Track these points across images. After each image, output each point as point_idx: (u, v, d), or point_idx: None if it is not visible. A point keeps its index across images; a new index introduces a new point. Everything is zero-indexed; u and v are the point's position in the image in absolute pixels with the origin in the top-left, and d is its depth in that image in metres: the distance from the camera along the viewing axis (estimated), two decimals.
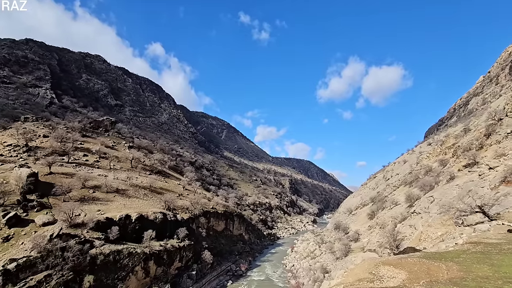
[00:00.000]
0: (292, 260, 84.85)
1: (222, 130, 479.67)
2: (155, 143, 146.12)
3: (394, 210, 68.68)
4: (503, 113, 62.35)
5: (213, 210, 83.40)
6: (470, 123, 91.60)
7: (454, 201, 40.25)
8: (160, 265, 49.52)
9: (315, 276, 58.29)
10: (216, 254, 71.85)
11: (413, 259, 18.63)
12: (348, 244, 66.47)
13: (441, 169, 69.21)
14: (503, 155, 47.75)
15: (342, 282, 17.57)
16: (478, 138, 64.00)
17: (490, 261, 15.64)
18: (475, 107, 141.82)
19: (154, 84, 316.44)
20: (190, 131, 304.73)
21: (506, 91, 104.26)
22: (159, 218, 55.16)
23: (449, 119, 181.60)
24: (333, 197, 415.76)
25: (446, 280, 12.80)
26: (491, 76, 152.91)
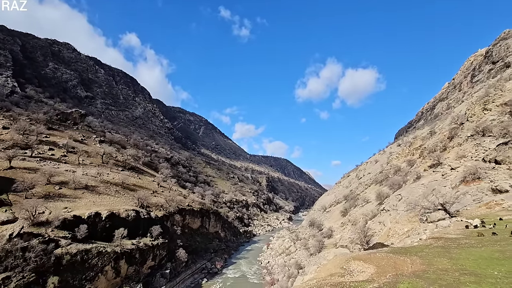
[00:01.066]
0: (267, 257, 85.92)
1: (200, 126, 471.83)
2: (128, 138, 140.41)
3: (365, 207, 71.73)
4: (465, 118, 67.24)
5: (188, 208, 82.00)
6: (435, 126, 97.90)
7: (419, 199, 42.81)
8: (132, 264, 47.85)
9: (290, 272, 59.53)
10: (191, 252, 70.85)
11: (381, 254, 19.61)
12: (322, 240, 68.52)
13: (408, 169, 73.31)
14: (464, 157, 51.56)
15: (315, 277, 18.07)
16: (442, 141, 68.59)
17: (449, 255, 16.89)
18: (440, 112, 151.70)
19: (128, 76, 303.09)
20: (166, 127, 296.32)
21: (467, 97, 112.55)
22: (131, 215, 53.21)
23: (417, 122, 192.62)
24: (308, 195, 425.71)
25: (410, 273, 13.63)
26: (455, 83, 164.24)
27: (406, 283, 11.61)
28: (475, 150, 51.05)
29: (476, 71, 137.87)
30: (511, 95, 57.18)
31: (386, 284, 11.91)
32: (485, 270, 12.40)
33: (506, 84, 64.33)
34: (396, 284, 11.79)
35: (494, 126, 52.34)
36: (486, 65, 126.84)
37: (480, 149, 49.72)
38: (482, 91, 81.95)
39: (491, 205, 32.70)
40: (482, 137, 52.95)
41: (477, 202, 35.25)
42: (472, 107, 68.77)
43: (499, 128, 49.85)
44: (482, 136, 53.33)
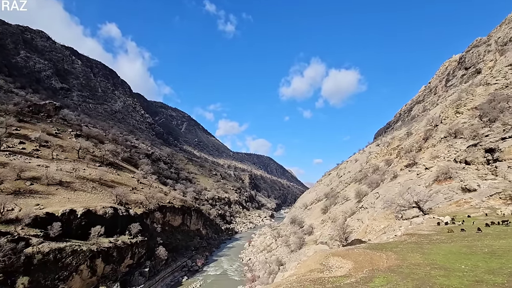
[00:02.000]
0: (249, 254, 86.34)
1: (182, 122, 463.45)
2: (107, 133, 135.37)
3: (345, 205, 73.77)
4: (439, 120, 70.67)
5: (169, 205, 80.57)
6: (412, 127, 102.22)
7: (395, 197, 44.59)
8: (109, 263, 46.38)
9: (271, 269, 60.17)
10: (171, 250, 69.77)
11: (359, 250, 20.28)
12: (303, 237, 69.79)
13: (386, 168, 76.14)
14: (437, 157, 54.23)
15: (295, 273, 18.39)
16: (418, 141, 71.77)
17: (422, 250, 17.77)
18: (417, 114, 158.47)
19: (107, 68, 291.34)
20: (147, 122, 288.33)
21: (442, 101, 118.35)
22: (109, 213, 51.48)
23: (395, 123, 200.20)
24: (290, 193, 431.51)
25: (386, 268, 14.20)
26: (431, 86, 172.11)
27: (381, 278, 12.08)
28: (447, 151, 53.82)
29: (450, 76, 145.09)
30: (481, 100, 60.70)
31: (363, 279, 12.33)
32: (454, 264, 13.16)
33: (477, 89, 68.20)
34: (372, 278, 12.23)
35: (465, 128, 55.40)
36: (460, 71, 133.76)
37: (452, 150, 52.48)
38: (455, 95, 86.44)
39: (461, 203, 34.67)
40: (454, 138, 55.90)
41: (448, 200, 37.24)
42: (446, 110, 72.37)
43: (469, 130, 52.82)
44: (454, 138, 56.30)
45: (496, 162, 38.22)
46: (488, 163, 39.79)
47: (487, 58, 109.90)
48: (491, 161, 39.32)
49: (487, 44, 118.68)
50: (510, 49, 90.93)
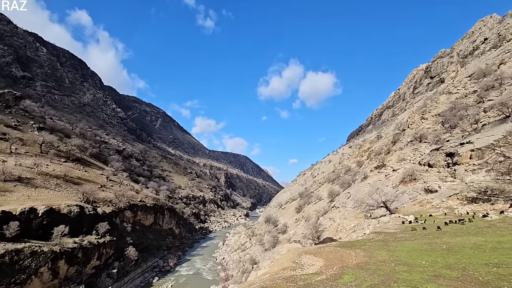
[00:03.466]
0: (223, 253, 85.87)
1: (157, 118, 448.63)
2: (74, 126, 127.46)
3: (318, 204, 75.90)
4: (406, 125, 75.03)
5: (141, 203, 77.76)
6: (382, 131, 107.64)
7: (365, 197, 46.71)
8: (73, 265, 43.77)
9: (244, 268, 60.29)
10: (142, 250, 67.44)
11: (330, 248, 20.98)
12: (277, 236, 70.73)
13: (357, 169, 79.43)
14: (404, 160, 57.57)
15: (268, 271, 18.60)
16: (387, 145, 75.68)
17: (388, 248, 18.80)
18: (386, 118, 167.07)
19: (76, 58, 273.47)
20: (119, 117, 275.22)
21: (409, 107, 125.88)
22: (74, 211, 48.60)
23: (367, 126, 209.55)
24: (266, 192, 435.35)
25: (354, 265, 14.84)
26: (400, 93, 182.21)
27: (350, 274, 12.60)
28: (413, 154, 57.33)
29: (417, 83, 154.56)
30: (444, 107, 65.37)
31: (333, 276, 12.77)
32: (416, 260, 14.07)
33: (440, 97, 73.32)
34: (341, 275, 12.71)
35: (429, 133, 59.38)
36: (426, 79, 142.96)
37: (417, 154, 56.01)
38: (421, 102, 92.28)
39: (423, 203, 37.11)
40: (419, 143, 59.69)
41: (413, 201, 39.69)
42: (413, 116, 77.03)
43: (433, 135, 56.69)
44: (419, 142, 60.10)
45: (455, 165, 41.39)
46: (448, 166, 42.98)
47: (450, 68, 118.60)
48: (451, 165, 42.51)
49: (450, 56, 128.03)
50: (470, 61, 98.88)
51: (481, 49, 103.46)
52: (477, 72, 69.19)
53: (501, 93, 51.92)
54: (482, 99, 55.88)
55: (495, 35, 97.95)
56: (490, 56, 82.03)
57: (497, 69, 64.63)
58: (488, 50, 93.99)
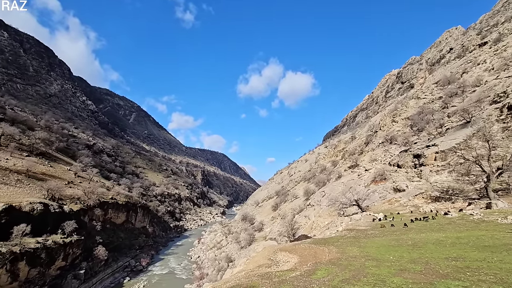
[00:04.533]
0: (198, 251, 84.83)
1: (131, 112, 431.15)
2: (38, 118, 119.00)
3: (294, 202, 77.34)
4: (378, 127, 78.59)
5: (112, 201, 74.51)
6: (356, 132, 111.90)
7: (339, 196, 48.33)
8: (35, 266, 41.00)
9: (220, 266, 60.05)
10: (112, 250, 64.78)
11: (304, 245, 21.50)
12: (253, 234, 71.15)
13: (332, 168, 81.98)
14: (375, 160, 60.31)
15: (243, 269, 18.67)
16: (360, 145, 78.83)
17: (359, 244, 19.65)
18: (361, 120, 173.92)
19: (42, 45, 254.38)
20: (90, 109, 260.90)
21: (381, 110, 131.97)
22: (37, 209, 45.48)
23: (342, 127, 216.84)
24: (243, 190, 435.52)
25: (327, 261, 15.35)
26: (374, 96, 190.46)
27: (323, 270, 13.02)
28: (384, 155, 60.26)
29: (389, 88, 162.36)
30: (413, 111, 69.31)
31: (306, 272, 13.12)
32: (384, 255, 14.85)
33: (410, 102, 77.63)
34: (315, 271, 13.10)
35: (399, 136, 62.68)
36: (397, 84, 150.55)
37: (388, 154, 58.94)
38: (392, 105, 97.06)
39: (392, 201, 39.17)
40: (390, 144, 62.84)
41: (383, 199, 41.74)
42: (384, 118, 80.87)
43: (402, 137, 59.93)
44: (390, 143, 63.26)
45: (421, 166, 44.13)
46: (415, 167, 45.72)
47: (419, 75, 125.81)
48: (418, 165, 45.26)
49: (420, 63, 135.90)
50: (437, 69, 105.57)
51: (447, 58, 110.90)
52: (443, 79, 74.13)
53: (463, 100, 56.05)
54: (447, 105, 59.96)
55: (459, 45, 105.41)
56: (455, 65, 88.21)
57: (460, 77, 69.65)
58: (453, 59, 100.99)
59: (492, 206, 24.22)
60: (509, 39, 69.05)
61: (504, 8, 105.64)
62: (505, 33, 75.95)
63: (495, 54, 67.76)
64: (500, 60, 61.22)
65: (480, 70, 65.22)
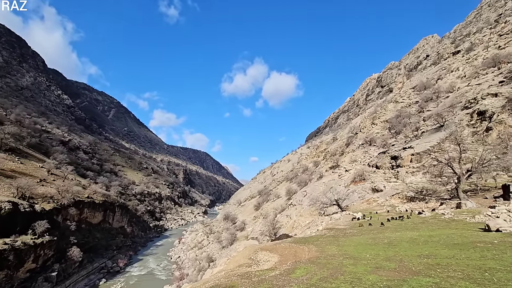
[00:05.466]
0: (178, 251, 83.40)
1: (110, 108, 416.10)
2: (8, 112, 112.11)
3: (276, 202, 77.92)
4: (359, 129, 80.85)
5: (88, 200, 71.65)
6: (337, 133, 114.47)
7: (320, 196, 49.28)
8: (1, 269, 38.59)
9: (200, 266, 59.40)
10: (88, 250, 62.33)
11: (285, 244, 21.71)
12: (235, 233, 70.96)
13: (314, 168, 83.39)
14: (355, 161, 61.99)
15: (224, 269, 18.56)
16: (341, 146, 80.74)
17: (337, 243, 20.12)
18: (342, 122, 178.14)
19: (14, 34, 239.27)
20: (65, 104, 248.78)
21: (362, 112, 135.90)
22: (5, 208, 42.81)
23: (324, 128, 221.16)
24: (225, 189, 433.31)
25: (307, 260, 15.59)
26: (355, 99, 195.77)
27: (302, 269, 13.20)
28: (363, 156, 62.09)
29: (370, 91, 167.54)
30: (391, 115, 71.91)
31: (286, 271, 13.25)
32: (361, 254, 15.29)
33: (389, 105, 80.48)
34: (294, 270, 13.25)
35: (378, 137, 64.80)
36: (377, 88, 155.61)
37: (367, 156, 60.78)
38: (372, 108, 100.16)
39: (370, 201, 40.45)
40: (369, 146, 64.83)
41: (361, 199, 43.01)
42: (364, 120, 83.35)
43: (381, 139, 62.02)
44: (369, 145, 65.26)
45: (398, 167, 45.89)
46: (392, 168, 47.46)
47: (398, 80, 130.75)
48: (395, 167, 47.01)
49: (398, 68, 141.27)
50: (414, 75, 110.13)
51: (423, 64, 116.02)
52: (419, 85, 77.48)
53: (437, 105, 58.87)
54: (422, 109, 62.71)
55: (435, 53, 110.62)
56: (430, 71, 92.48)
57: (436, 83, 73.11)
58: (429, 66, 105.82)
59: (462, 206, 25.60)
60: (480, 49, 73.33)
61: (475, 19, 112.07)
62: (476, 43, 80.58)
63: (467, 62, 71.72)
64: (471, 68, 64.88)
65: (453, 77, 68.78)
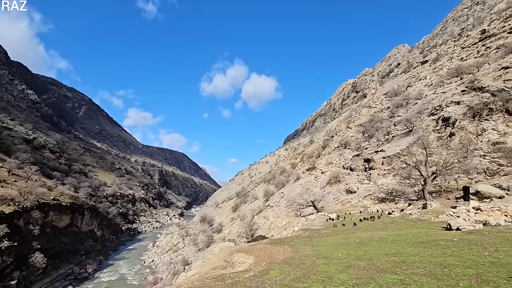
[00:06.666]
0: (152, 255, 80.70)
1: (81, 105, 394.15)
2: None
3: (254, 203, 78.00)
4: (334, 132, 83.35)
5: (54, 202, 67.41)
6: (314, 136, 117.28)
7: (297, 197, 50.05)
8: None
9: (175, 269, 57.91)
10: (53, 256, 58.52)
11: (261, 245, 21.79)
12: (212, 235, 70.05)
13: (291, 170, 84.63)
14: (331, 163, 63.76)
15: (198, 272, 18.23)
16: (318, 149, 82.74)
17: (312, 243, 20.54)
18: (319, 125, 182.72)
19: None
20: (30, 100, 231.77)
21: (338, 116, 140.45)
22: None
23: (302, 131, 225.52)
24: (203, 191, 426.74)
25: (281, 260, 15.75)
26: (331, 103, 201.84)
27: (276, 270, 13.31)
28: (339, 158, 64.05)
29: (345, 96, 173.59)
30: (365, 119, 74.90)
31: (260, 272, 13.29)
32: (333, 253, 15.73)
33: (362, 110, 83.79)
34: (268, 271, 13.32)
35: (352, 141, 67.17)
36: (352, 93, 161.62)
37: (342, 158, 62.78)
38: (347, 113, 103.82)
39: (345, 202, 41.75)
40: (344, 148, 67.01)
41: (336, 200, 44.27)
42: (340, 124, 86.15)
43: (355, 143, 64.33)
44: (344, 148, 67.45)
45: (371, 170, 47.85)
46: (365, 170, 49.40)
47: (371, 86, 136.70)
48: (368, 169, 48.97)
49: (372, 74, 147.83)
50: (386, 81, 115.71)
51: (395, 72, 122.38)
52: (391, 91, 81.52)
53: (407, 110, 62.22)
54: (393, 115, 65.96)
55: (405, 61, 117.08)
56: (401, 79, 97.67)
57: (405, 90, 77.28)
58: (400, 74, 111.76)
59: (427, 207, 27.20)
60: (445, 60, 78.68)
61: (441, 31, 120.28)
62: (442, 54, 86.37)
63: (434, 71, 76.64)
64: (437, 77, 69.37)
65: (421, 85, 73.13)
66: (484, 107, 38.47)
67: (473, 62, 58.34)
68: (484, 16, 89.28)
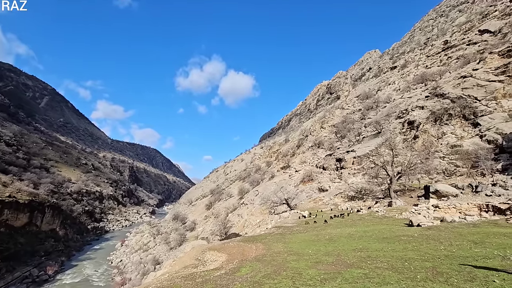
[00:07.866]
0: (120, 255, 77.34)
1: (43, 95, 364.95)
2: None
3: (228, 201, 77.67)
4: (309, 132, 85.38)
5: (10, 199, 62.12)
6: (289, 135, 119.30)
7: (271, 195, 50.64)
8: None
9: (145, 269, 56.06)
10: (7, 258, 53.98)
11: (233, 243, 21.75)
12: (184, 233, 68.71)
13: (266, 168, 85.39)
14: (305, 162, 65.27)
15: (168, 271, 17.76)
16: (293, 148, 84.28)
17: (284, 240, 20.91)
18: (294, 124, 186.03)
19: None
20: None
21: (312, 116, 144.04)
22: None
23: (278, 130, 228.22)
24: (176, 188, 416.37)
25: (253, 257, 15.84)
26: (307, 103, 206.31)
27: (247, 267, 13.35)
28: (312, 157, 65.76)
29: (320, 97, 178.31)
30: (338, 120, 77.57)
31: (232, 270, 13.25)
32: (304, 250, 16.13)
33: (336, 111, 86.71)
34: (239, 268, 13.33)
35: (325, 141, 69.26)
36: (327, 94, 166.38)
37: (315, 157, 64.53)
38: (322, 113, 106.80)
39: (317, 200, 42.97)
40: (318, 148, 68.93)
41: (309, 198, 45.42)
42: (314, 124, 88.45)
43: (328, 143, 66.41)
44: (318, 147, 69.37)
45: (342, 169, 49.69)
46: (337, 170, 51.19)
47: (345, 88, 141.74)
48: (339, 168, 50.79)
49: (345, 77, 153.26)
50: (358, 84, 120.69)
51: (366, 76, 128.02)
52: (362, 94, 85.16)
53: (376, 113, 65.38)
54: (364, 117, 68.99)
55: (376, 66, 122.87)
56: (372, 82, 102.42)
57: (376, 94, 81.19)
58: (371, 78, 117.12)
59: (393, 204, 28.84)
60: (412, 67, 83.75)
61: (409, 40, 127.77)
62: (409, 60, 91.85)
63: (402, 77, 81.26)
64: (405, 82, 73.64)
65: (390, 90, 77.22)
66: (445, 113, 41.53)
67: (436, 70, 62.65)
68: (447, 28, 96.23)
